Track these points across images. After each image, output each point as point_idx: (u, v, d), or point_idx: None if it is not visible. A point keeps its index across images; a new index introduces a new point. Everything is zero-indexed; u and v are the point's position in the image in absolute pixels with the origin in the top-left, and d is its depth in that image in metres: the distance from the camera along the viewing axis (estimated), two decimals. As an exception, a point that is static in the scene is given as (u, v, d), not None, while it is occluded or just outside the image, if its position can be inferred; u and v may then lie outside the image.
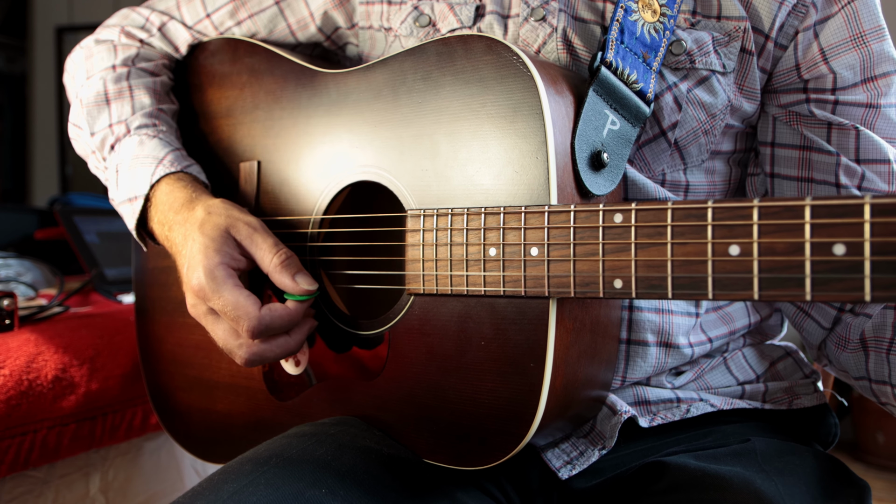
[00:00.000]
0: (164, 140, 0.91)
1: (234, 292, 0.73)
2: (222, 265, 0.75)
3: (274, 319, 0.73)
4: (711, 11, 0.76)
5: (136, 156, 0.89)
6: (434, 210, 0.70)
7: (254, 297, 0.74)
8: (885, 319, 0.77)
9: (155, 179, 0.86)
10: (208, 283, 0.74)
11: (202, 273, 0.74)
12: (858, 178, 0.77)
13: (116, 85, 0.95)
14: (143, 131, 0.92)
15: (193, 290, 0.75)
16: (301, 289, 0.75)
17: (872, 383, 0.79)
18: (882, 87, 0.77)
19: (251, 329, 0.72)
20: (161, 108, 0.96)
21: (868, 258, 0.48)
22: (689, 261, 0.55)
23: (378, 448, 0.73)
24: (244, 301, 0.73)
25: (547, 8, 0.77)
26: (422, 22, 0.85)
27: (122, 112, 0.94)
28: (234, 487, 0.64)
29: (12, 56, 4.94)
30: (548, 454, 0.76)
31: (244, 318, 0.72)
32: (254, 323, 0.72)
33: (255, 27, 0.97)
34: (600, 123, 0.70)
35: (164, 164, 0.87)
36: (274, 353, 0.75)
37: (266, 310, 0.73)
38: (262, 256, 0.76)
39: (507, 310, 0.67)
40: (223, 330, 0.76)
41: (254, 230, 0.77)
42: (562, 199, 0.65)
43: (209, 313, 0.77)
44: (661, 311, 0.79)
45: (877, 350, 0.77)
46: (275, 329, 0.74)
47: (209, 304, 0.75)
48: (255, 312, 0.72)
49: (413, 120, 0.74)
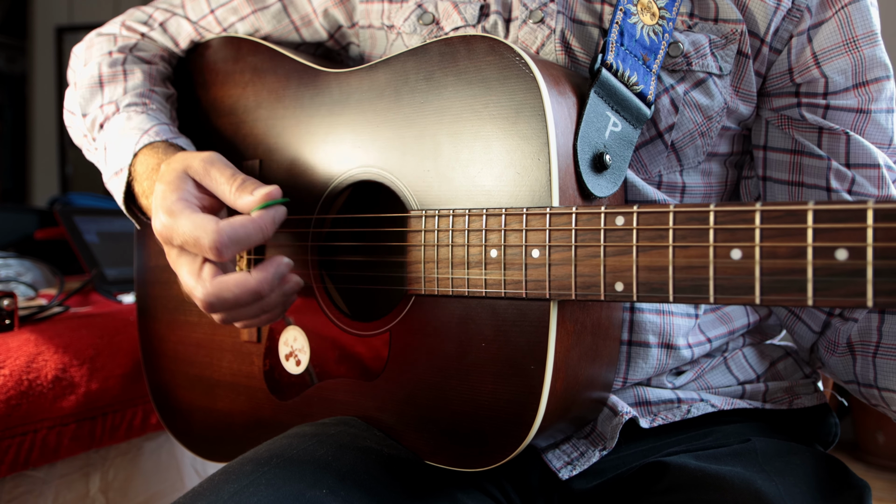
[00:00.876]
0: (152, 115, 0.89)
1: (190, 217, 0.69)
2: (179, 200, 0.71)
3: (235, 229, 0.68)
4: (709, 14, 0.76)
5: (123, 128, 0.88)
6: (436, 211, 0.70)
7: (213, 217, 0.69)
8: (871, 323, 0.78)
9: (137, 148, 0.84)
10: (167, 220, 0.70)
11: (161, 213, 0.71)
12: (849, 183, 0.77)
13: (111, 69, 0.94)
14: (131, 108, 0.90)
15: (160, 234, 0.72)
16: (259, 195, 0.70)
17: (861, 386, 0.79)
18: (873, 92, 0.77)
19: (212, 245, 0.66)
20: (153, 90, 0.94)
21: (870, 263, 0.48)
22: (691, 264, 0.55)
23: (379, 449, 0.73)
24: (200, 220, 0.68)
25: (545, 10, 0.77)
26: (425, 20, 0.85)
27: (113, 93, 0.93)
28: (234, 488, 0.64)
29: (12, 56, 4.94)
30: (548, 455, 0.76)
31: (203, 234, 0.67)
32: (213, 236, 0.67)
33: (258, 23, 0.97)
34: (602, 125, 0.70)
35: (148, 134, 0.85)
36: (233, 293, 0.69)
37: (225, 223, 0.68)
38: (222, 189, 0.72)
39: (508, 311, 0.67)
40: (186, 270, 0.71)
41: (210, 164, 0.73)
42: (564, 201, 0.65)
43: (179, 255, 0.73)
44: (662, 312, 0.79)
45: (863, 354, 0.78)
46: (239, 240, 0.68)
47: (174, 243, 0.71)
48: (213, 226, 0.67)
49: (415, 120, 0.74)
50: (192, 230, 0.68)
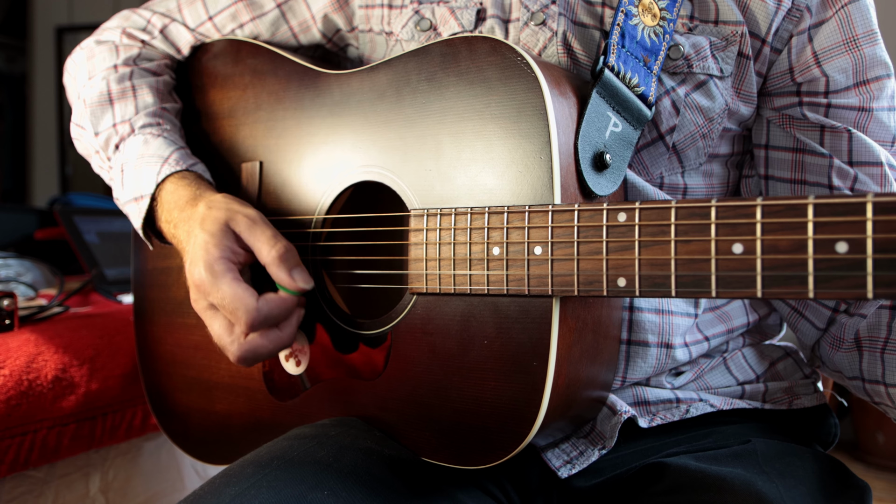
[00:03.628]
0: (168, 139, 0.91)
1: (232, 285, 0.73)
2: (222, 259, 0.75)
3: (272, 309, 0.73)
4: (709, 16, 0.77)
5: (142, 155, 0.89)
6: (437, 210, 0.71)
7: (251, 289, 0.74)
8: (880, 319, 0.78)
9: (161, 178, 0.86)
10: (208, 277, 0.74)
11: (202, 267, 0.75)
12: (851, 180, 0.78)
13: (120, 85, 0.95)
14: (147, 130, 0.92)
15: (195, 284, 0.76)
16: (296, 286, 0.75)
17: (866, 383, 0.79)
18: (874, 90, 0.78)
19: (249, 321, 0.72)
20: (164, 107, 0.96)
21: (870, 256, 0.49)
22: (693, 259, 0.56)
23: (379, 449, 0.73)
24: (241, 293, 0.73)
25: (547, 12, 0.78)
26: (423, 26, 0.85)
27: (125, 111, 0.94)
28: (235, 490, 0.64)
29: (12, 56, 4.94)
30: (547, 454, 0.76)
31: (241, 309, 0.72)
32: (252, 315, 0.72)
33: (257, 30, 0.98)
34: (603, 125, 0.70)
35: (169, 162, 0.87)
36: (267, 348, 0.75)
37: (262, 301, 0.73)
38: (261, 248, 0.76)
39: (510, 309, 0.67)
40: (219, 325, 0.76)
41: (253, 222, 0.77)
42: (565, 199, 0.65)
43: (209, 308, 0.77)
44: (661, 311, 0.79)
45: (871, 349, 0.78)
46: (272, 319, 0.74)
47: (209, 299, 0.75)
48: (253, 304, 0.72)
49: (417, 120, 0.74)
50: (231, 300, 0.73)
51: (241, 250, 0.78)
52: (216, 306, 0.75)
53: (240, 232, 0.77)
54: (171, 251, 0.99)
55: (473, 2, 0.83)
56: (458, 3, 0.84)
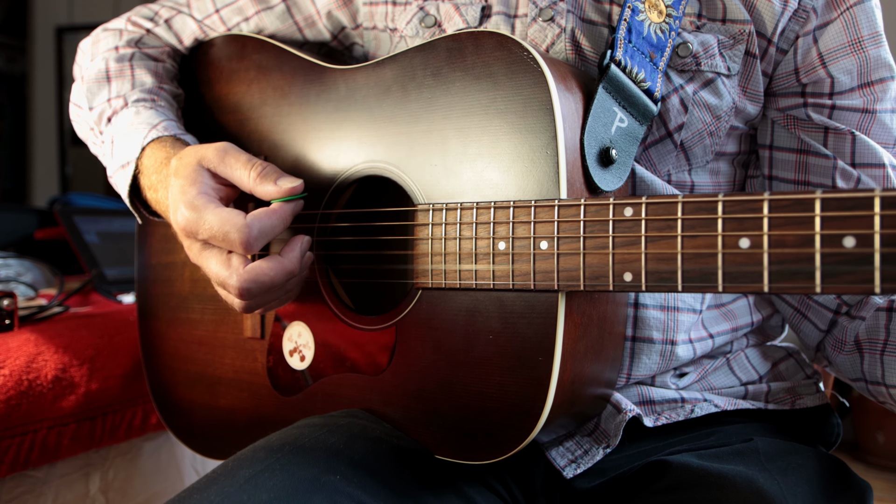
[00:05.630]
0: (160, 111, 0.90)
1: (216, 212, 0.71)
2: (201, 194, 0.73)
3: (262, 221, 0.70)
4: (717, 14, 0.77)
5: (132, 122, 0.88)
6: (443, 204, 0.71)
7: (238, 210, 0.71)
8: (878, 322, 0.78)
9: (146, 142, 0.84)
10: (191, 214, 0.72)
11: (183, 207, 0.72)
12: (854, 182, 0.78)
13: (118, 64, 0.95)
14: (140, 103, 0.91)
15: (182, 229, 0.73)
16: (285, 188, 0.72)
17: (868, 384, 0.80)
18: (878, 92, 0.78)
19: (243, 240, 0.69)
20: (162, 87, 0.95)
21: (878, 250, 0.48)
22: (699, 253, 0.56)
23: (388, 440, 0.73)
24: (227, 215, 0.70)
25: (555, 9, 0.78)
26: (427, 23, 0.85)
27: (121, 88, 0.93)
28: (249, 473, 0.64)
29: (12, 56, 4.94)
30: (552, 452, 0.76)
31: (232, 230, 0.69)
32: (244, 231, 0.68)
33: (262, 24, 0.98)
34: (609, 120, 0.70)
35: (157, 128, 0.86)
36: (269, 274, 0.71)
37: (250, 216, 0.70)
38: (240, 175, 0.74)
39: (516, 304, 0.67)
40: (216, 261, 0.72)
41: (224, 152, 0.74)
42: (571, 194, 0.65)
43: (202, 248, 0.74)
44: (666, 308, 0.79)
45: (871, 352, 0.78)
46: (266, 232, 0.70)
47: (199, 237, 0.72)
48: (242, 220, 0.69)
49: (422, 116, 0.74)
50: (220, 225, 0.70)
51: (219, 185, 0.75)
52: (208, 242, 0.73)
53: (213, 168, 0.75)
54: (173, 247, 0.99)
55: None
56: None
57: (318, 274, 0.83)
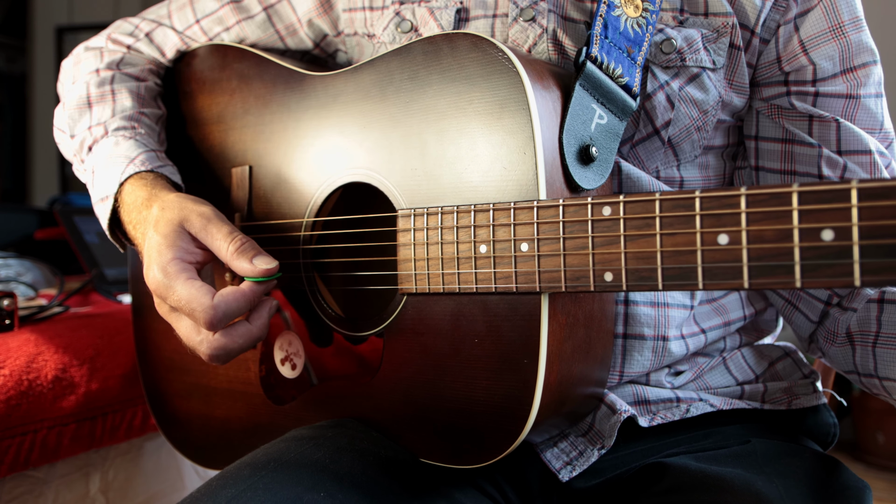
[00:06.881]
0: (139, 141, 0.90)
1: (185, 285, 0.71)
2: (174, 260, 0.73)
3: (229, 304, 0.70)
4: (698, 9, 0.76)
5: (110, 155, 0.88)
6: (424, 209, 0.70)
7: (207, 287, 0.71)
8: (870, 313, 0.77)
9: (124, 178, 0.85)
10: (162, 280, 0.72)
11: (156, 270, 0.72)
12: (841, 170, 0.77)
13: (99, 89, 0.95)
14: (119, 133, 0.91)
15: (152, 289, 0.74)
16: (259, 270, 0.72)
17: (861, 376, 0.79)
18: (861, 77, 0.77)
19: (207, 320, 0.69)
20: (143, 112, 0.95)
21: (856, 243, 0.48)
22: (679, 251, 0.55)
23: (376, 451, 0.73)
24: (196, 292, 0.70)
25: (536, 8, 0.77)
26: (403, 28, 0.85)
27: (102, 114, 0.93)
28: (232, 493, 0.64)
29: (12, 56, 4.95)
30: (547, 454, 0.76)
31: (198, 309, 0.69)
32: (209, 313, 0.69)
33: (243, 33, 0.98)
34: (588, 118, 0.70)
35: (134, 163, 0.86)
36: (237, 343, 0.72)
37: (218, 297, 0.70)
38: (219, 246, 0.74)
39: (500, 306, 0.66)
40: (185, 326, 0.73)
41: (207, 220, 0.74)
42: (551, 194, 0.65)
43: (171, 311, 0.75)
44: (656, 304, 0.78)
45: (862, 344, 0.78)
46: (232, 314, 0.71)
47: (168, 302, 0.73)
48: (209, 302, 0.69)
49: (401, 119, 0.73)
50: (187, 301, 0.70)
51: (197, 250, 0.76)
52: (175, 308, 0.73)
53: (195, 233, 0.75)
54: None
55: (453, 1, 0.82)
56: (438, 3, 0.83)
57: (306, 282, 0.83)
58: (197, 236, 0.75)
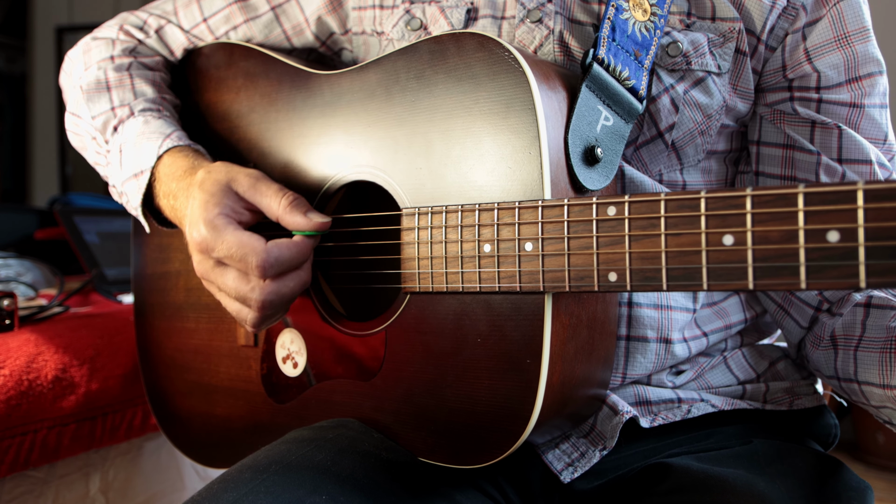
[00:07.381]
0: (168, 121, 0.91)
1: (236, 234, 0.72)
2: (222, 215, 0.74)
3: (282, 251, 0.71)
4: (706, 13, 0.76)
5: (142, 132, 0.89)
6: (428, 208, 0.70)
7: (258, 235, 0.72)
8: (856, 317, 0.77)
9: (162, 151, 0.85)
10: (209, 233, 0.72)
11: (202, 225, 0.73)
12: (839, 178, 0.77)
13: (117, 73, 0.95)
14: (147, 113, 0.92)
15: (197, 245, 0.74)
16: (315, 223, 0.73)
17: (841, 381, 0.78)
18: (866, 87, 0.77)
19: (260, 264, 0.70)
20: (164, 97, 0.96)
21: (862, 244, 0.48)
22: (683, 251, 0.55)
23: (377, 452, 0.72)
24: (248, 239, 0.71)
25: (543, 10, 0.77)
26: (413, 26, 0.85)
27: (124, 97, 0.94)
28: (233, 496, 0.63)
29: (12, 56, 4.96)
30: (548, 456, 0.76)
31: (251, 254, 0.70)
32: (262, 256, 0.70)
33: (250, 32, 0.98)
34: (594, 119, 0.70)
35: (171, 138, 0.87)
36: (289, 286, 0.72)
37: (272, 244, 0.71)
38: (269, 203, 0.74)
39: (503, 306, 0.66)
40: (232, 278, 0.73)
41: (256, 180, 0.76)
42: (556, 194, 0.65)
43: (216, 266, 0.74)
44: (659, 307, 0.78)
45: (845, 347, 0.77)
46: (284, 263, 0.71)
47: (214, 255, 0.73)
48: (262, 245, 0.70)
49: (407, 119, 0.74)
50: (238, 248, 0.70)
51: (244, 210, 0.76)
52: (223, 261, 0.73)
53: (242, 192, 0.75)
54: (168, 256, 1.00)
55: (464, 0, 0.82)
56: (448, 2, 0.83)
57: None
58: (244, 195, 0.75)
